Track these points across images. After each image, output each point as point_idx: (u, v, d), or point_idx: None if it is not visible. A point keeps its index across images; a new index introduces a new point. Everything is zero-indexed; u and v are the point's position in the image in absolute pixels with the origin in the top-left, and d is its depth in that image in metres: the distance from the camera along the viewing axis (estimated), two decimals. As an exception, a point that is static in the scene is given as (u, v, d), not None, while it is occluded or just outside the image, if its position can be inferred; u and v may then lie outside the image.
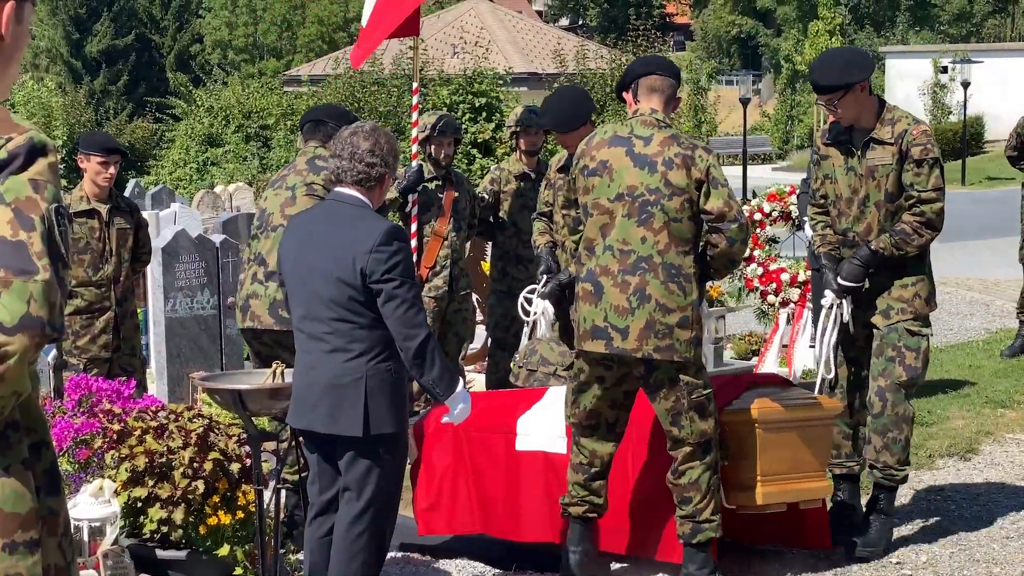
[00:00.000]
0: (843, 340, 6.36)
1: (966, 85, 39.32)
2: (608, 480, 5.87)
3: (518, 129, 9.59)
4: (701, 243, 5.73)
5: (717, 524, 5.61)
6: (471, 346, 11.62)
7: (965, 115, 38.44)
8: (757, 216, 10.00)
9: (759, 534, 6.21)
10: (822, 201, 6.48)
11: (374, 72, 26.68)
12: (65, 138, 32.75)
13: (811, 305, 9.33)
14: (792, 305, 9.79)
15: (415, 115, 8.90)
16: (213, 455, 5.86)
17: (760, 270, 9.87)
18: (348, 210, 5.11)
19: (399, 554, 6.39)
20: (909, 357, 6.16)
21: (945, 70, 50.60)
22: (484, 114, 23.67)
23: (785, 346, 9.96)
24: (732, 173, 39.66)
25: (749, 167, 37.35)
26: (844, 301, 6.26)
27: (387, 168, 5.12)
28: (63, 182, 7.96)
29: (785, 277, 9.80)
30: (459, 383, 5.11)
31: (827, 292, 6.32)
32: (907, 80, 51.61)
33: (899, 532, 6.56)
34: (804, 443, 5.85)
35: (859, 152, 6.23)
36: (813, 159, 6.60)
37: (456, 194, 8.91)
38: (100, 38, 55.25)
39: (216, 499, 5.84)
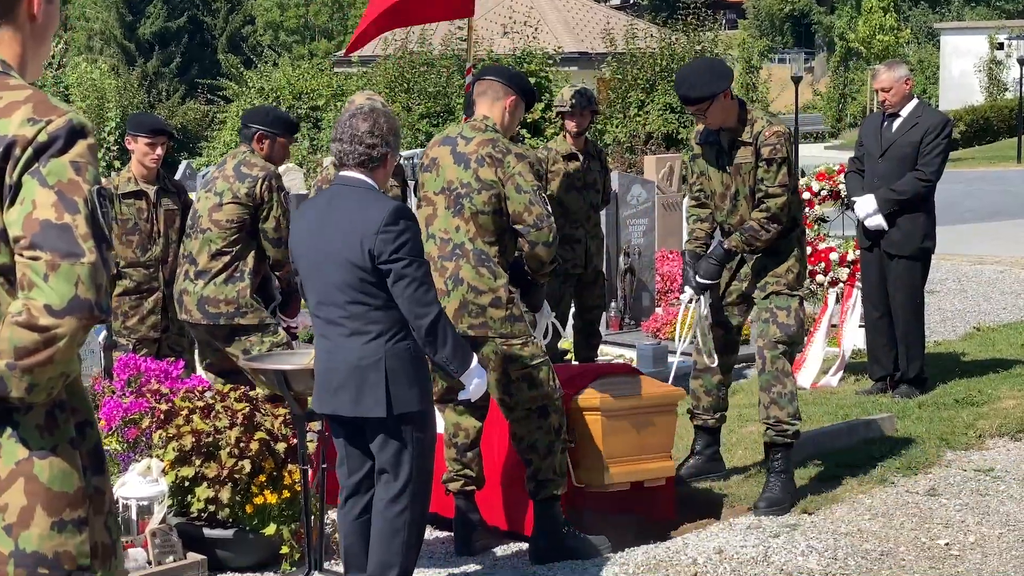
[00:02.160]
0: (715, 305, 6.97)
1: (1022, 62, 38.83)
2: (482, 455, 6.30)
3: (565, 110, 9.59)
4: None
5: (560, 482, 6.05)
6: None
7: (1022, 92, 37.96)
8: (806, 195, 9.92)
9: (612, 504, 6.64)
10: (698, 195, 7.08)
11: (424, 53, 26.71)
12: (118, 120, 32.94)
13: (860, 285, 9.29)
14: (841, 285, 9.71)
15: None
16: (259, 435, 5.90)
17: (809, 249, 9.79)
18: (354, 193, 5.13)
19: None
20: (781, 316, 6.72)
21: (1001, 47, 50.09)
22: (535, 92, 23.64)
23: (834, 326, 9.89)
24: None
25: (802, 145, 37.16)
26: (703, 297, 6.93)
27: (388, 148, 5.14)
28: (116, 164, 7.97)
29: (834, 257, 9.72)
30: (473, 358, 5.22)
31: (686, 288, 6.99)
32: (962, 57, 51.14)
33: (946, 512, 6.52)
34: (647, 428, 6.46)
35: (727, 151, 6.77)
36: (690, 157, 7.19)
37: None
38: (153, 20, 55.64)
39: (262, 478, 5.89)
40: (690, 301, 6.95)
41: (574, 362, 10.06)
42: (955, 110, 46.00)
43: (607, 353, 11.07)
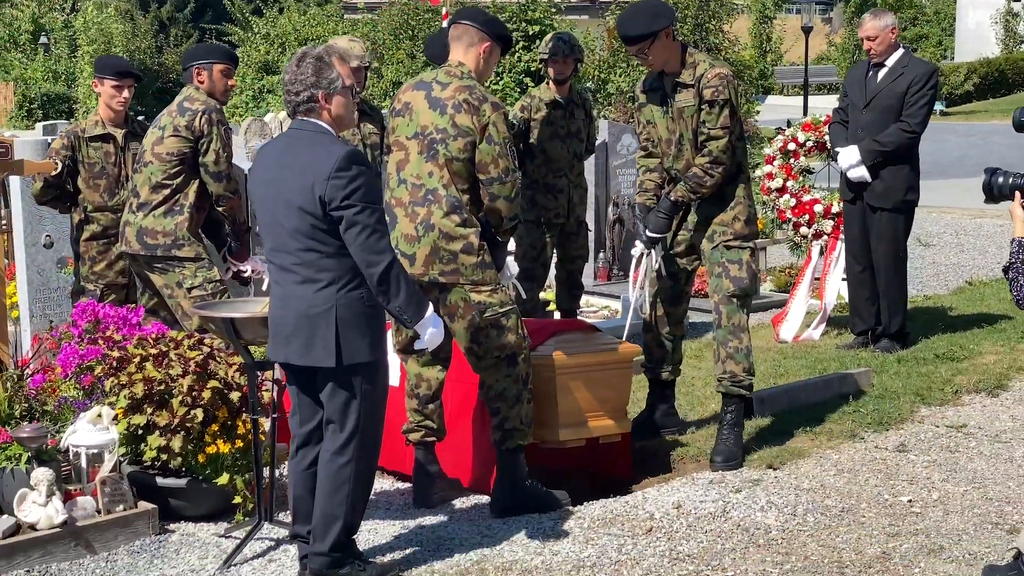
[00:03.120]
0: (666, 256, 6.91)
1: (1037, 14, 38.39)
2: (444, 409, 6.27)
3: (546, 56, 9.46)
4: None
5: (526, 432, 6.00)
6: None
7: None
8: (791, 146, 9.79)
9: (568, 460, 6.65)
10: (646, 144, 6.97)
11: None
12: (125, 65, 32.80)
13: (843, 237, 9.17)
14: (825, 237, 9.59)
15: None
16: (212, 383, 5.83)
17: (793, 201, 9.68)
18: (307, 137, 5.03)
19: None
20: (733, 269, 6.68)
21: (1018, -2, 49.57)
22: (538, 43, 23.42)
23: (818, 279, 9.79)
24: (795, 103, 39.18)
25: (813, 97, 36.88)
26: (653, 251, 6.85)
27: (316, 90, 5.01)
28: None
29: (819, 209, 9.60)
30: (428, 308, 5.09)
31: (637, 242, 6.90)
32: (979, 8, 50.62)
33: (913, 469, 6.44)
34: (602, 386, 6.42)
35: (670, 96, 6.70)
36: (636, 106, 7.04)
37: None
38: (165, -35, 55.26)
39: (215, 428, 5.82)
40: (641, 255, 6.86)
41: (556, 313, 9.98)
42: (970, 62, 45.62)
43: (593, 304, 10.98)
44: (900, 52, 8.82)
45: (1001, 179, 5.18)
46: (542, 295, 10.17)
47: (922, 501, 6.04)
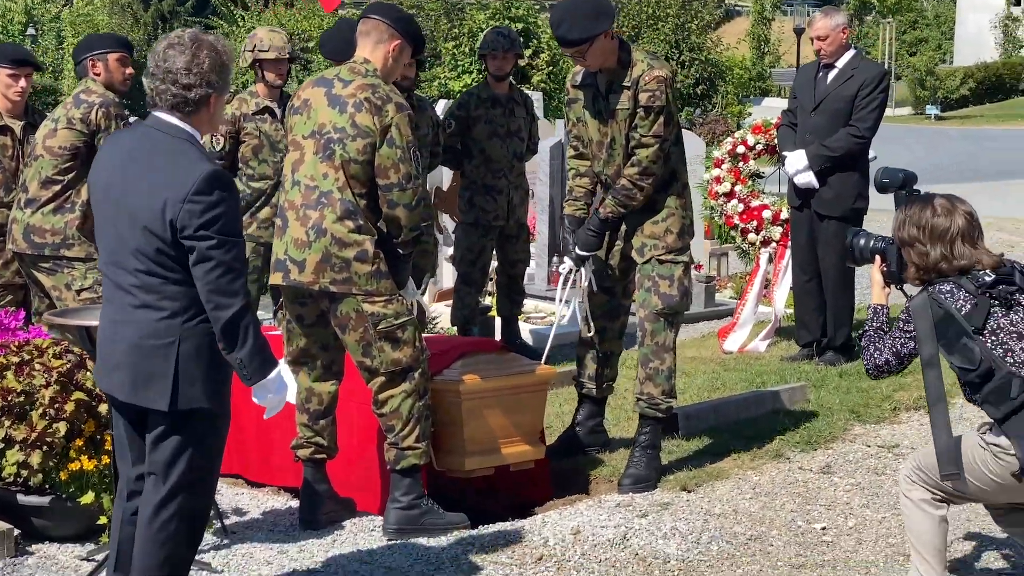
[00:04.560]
0: (598, 271, 6.45)
1: (1034, 18, 38.05)
2: (336, 424, 5.89)
3: (485, 52, 9.11)
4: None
5: (422, 451, 5.64)
6: (442, 283, 11.23)
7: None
8: (740, 149, 9.42)
9: (479, 485, 6.23)
10: (576, 143, 6.49)
11: (412, -5, 26.16)
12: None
13: (791, 244, 8.80)
14: (774, 244, 9.22)
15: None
16: (77, 395, 5.46)
17: (741, 207, 9.32)
18: (165, 142, 4.31)
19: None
20: (663, 285, 6.26)
21: (1018, 2, 49.23)
22: (521, 39, 23.12)
23: (767, 285, 9.42)
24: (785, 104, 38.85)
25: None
26: (583, 268, 6.40)
27: (211, 88, 4.34)
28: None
29: (767, 215, 9.23)
30: (275, 368, 4.35)
31: (566, 259, 6.46)
32: (979, 12, 50.29)
33: (834, 493, 6.08)
34: (513, 411, 6.02)
35: (604, 96, 6.23)
36: (566, 102, 6.54)
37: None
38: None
39: (80, 442, 5.46)
40: (569, 272, 6.43)
41: (497, 319, 9.63)
42: (967, 66, 45.27)
43: (541, 309, 10.63)
44: (851, 53, 8.46)
45: (862, 241, 4.89)
46: (483, 300, 9.83)
47: (836, 528, 5.67)
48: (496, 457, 6.02)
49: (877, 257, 4.81)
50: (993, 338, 4.40)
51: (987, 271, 4.49)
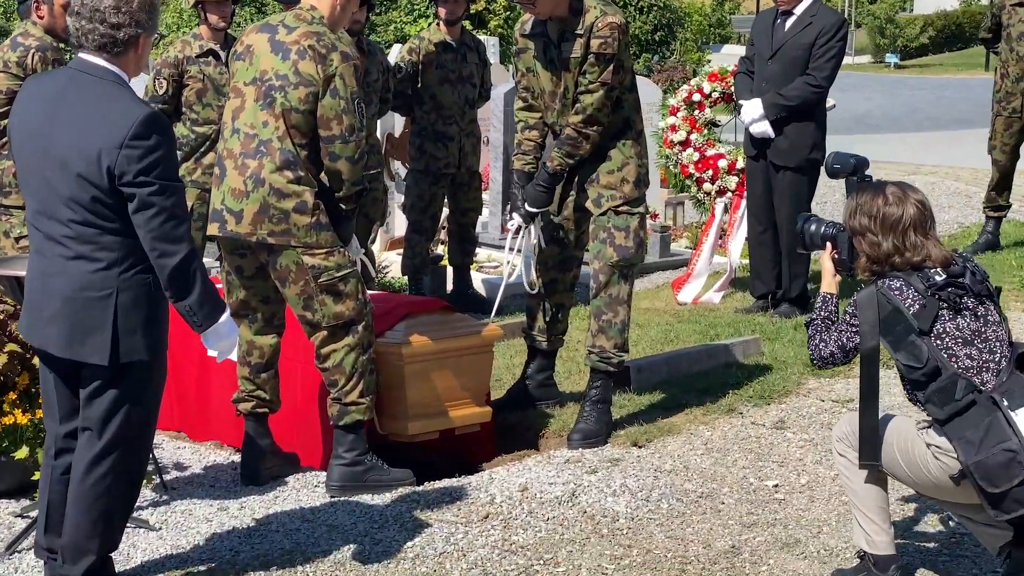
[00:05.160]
0: (548, 224, 6.31)
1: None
2: (279, 378, 5.76)
3: (436, -5, 8.91)
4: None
5: (366, 407, 5.51)
6: (393, 231, 11.06)
7: (991, -2, 37.15)
8: (696, 97, 9.28)
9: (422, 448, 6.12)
10: (525, 95, 6.31)
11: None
12: None
13: (746, 195, 8.69)
14: (729, 194, 9.10)
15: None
16: (10, 347, 5.30)
17: (696, 155, 9.18)
18: (94, 85, 4.14)
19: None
20: (619, 237, 6.10)
21: (979, -49, 49.10)
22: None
23: (723, 235, 9.31)
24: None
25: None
26: (532, 225, 6.26)
27: (140, 28, 4.18)
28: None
29: (723, 164, 9.10)
30: (224, 313, 4.27)
31: (515, 215, 6.29)
32: (939, -40, 50.12)
33: (787, 449, 5.99)
34: (458, 373, 5.91)
35: (557, 44, 6.05)
36: (514, 52, 6.39)
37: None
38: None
39: (13, 396, 5.30)
40: (519, 229, 6.26)
41: (449, 268, 9.49)
42: (927, 15, 45.20)
43: (494, 259, 10.49)
44: (809, 0, 8.31)
45: (813, 227, 4.76)
46: (435, 249, 9.69)
47: (788, 486, 5.58)
48: (441, 420, 5.92)
49: (828, 244, 4.68)
50: (939, 342, 4.28)
51: (938, 269, 4.36)
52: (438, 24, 9.01)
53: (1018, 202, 12.11)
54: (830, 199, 13.38)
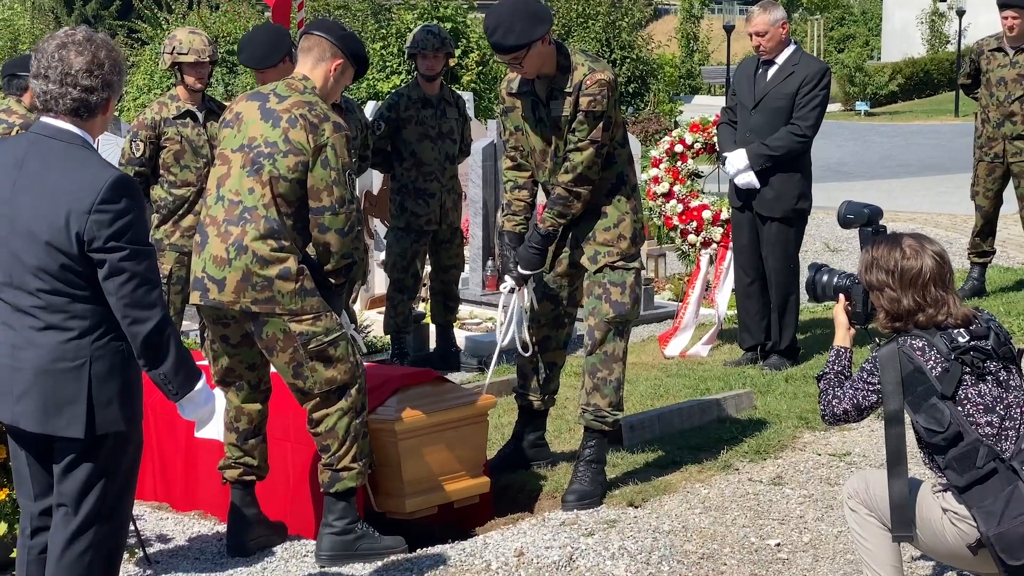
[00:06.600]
0: (541, 281, 6.23)
1: (961, 13, 38.23)
2: (267, 443, 5.62)
3: (415, 51, 8.82)
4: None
5: (357, 472, 5.35)
6: (374, 290, 10.92)
7: (960, 45, 37.38)
8: (678, 148, 9.19)
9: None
10: (514, 153, 6.20)
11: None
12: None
13: (733, 246, 8.59)
14: (715, 245, 9.00)
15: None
16: (-13, 420, 5.12)
17: (680, 207, 9.08)
18: (60, 149, 4.00)
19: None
20: (615, 293, 6.02)
21: (944, -2, 49.45)
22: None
23: (708, 287, 9.19)
24: (717, 102, 38.73)
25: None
26: (525, 287, 6.17)
27: (110, 91, 4.01)
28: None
29: (707, 215, 9.00)
30: (200, 380, 4.14)
31: (507, 278, 6.17)
32: (904, 8, 50.47)
33: (787, 506, 5.85)
34: (453, 445, 5.81)
35: (545, 103, 5.96)
36: (502, 111, 6.23)
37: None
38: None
39: (-9, 470, 5.13)
40: (511, 291, 6.12)
41: (431, 326, 9.35)
42: (895, 62, 45.44)
43: (476, 316, 10.36)
44: (791, 49, 8.25)
45: (825, 278, 4.63)
46: (417, 307, 9.55)
47: (791, 545, 5.44)
48: (438, 495, 5.80)
49: (841, 295, 4.55)
50: (960, 408, 4.16)
51: (961, 330, 4.22)
52: (416, 80, 8.91)
53: (1001, 247, 12.06)
54: (811, 247, 13.29)
